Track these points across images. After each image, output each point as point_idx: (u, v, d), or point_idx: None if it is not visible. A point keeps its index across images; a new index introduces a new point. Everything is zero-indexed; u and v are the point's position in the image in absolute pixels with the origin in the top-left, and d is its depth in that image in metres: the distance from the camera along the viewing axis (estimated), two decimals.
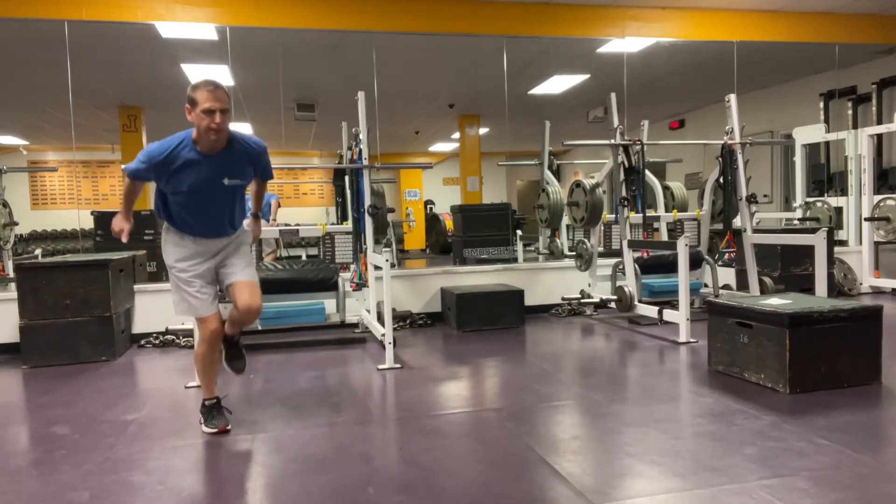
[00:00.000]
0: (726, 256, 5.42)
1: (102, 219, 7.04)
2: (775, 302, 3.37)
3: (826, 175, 8.13)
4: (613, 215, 5.42)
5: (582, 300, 5.62)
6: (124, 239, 2.71)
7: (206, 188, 2.67)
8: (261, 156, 2.84)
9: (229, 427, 2.84)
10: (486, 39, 6.71)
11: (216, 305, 2.83)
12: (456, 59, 7.70)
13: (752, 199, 5.18)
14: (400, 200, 14.22)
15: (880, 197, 6.49)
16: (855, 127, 7.66)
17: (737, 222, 5.30)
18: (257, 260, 4.90)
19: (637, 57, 7.05)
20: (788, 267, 5.78)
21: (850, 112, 8.04)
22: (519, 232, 8.23)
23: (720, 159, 5.26)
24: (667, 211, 6.57)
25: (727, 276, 5.95)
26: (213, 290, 2.85)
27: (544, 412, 3.05)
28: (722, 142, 5.23)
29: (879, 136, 7.21)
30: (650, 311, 4.86)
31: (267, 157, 2.89)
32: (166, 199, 2.73)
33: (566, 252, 7.44)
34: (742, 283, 5.59)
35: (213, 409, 2.87)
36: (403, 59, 7.40)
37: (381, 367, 3.93)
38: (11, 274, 5.77)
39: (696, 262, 5.41)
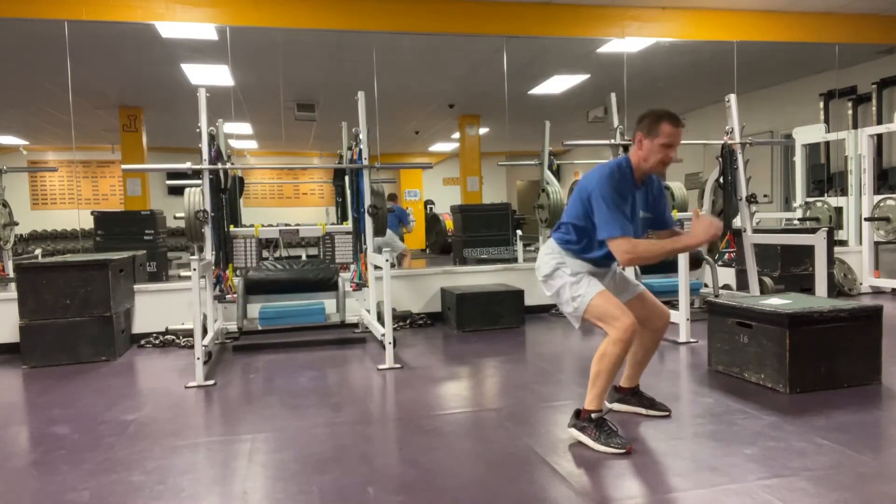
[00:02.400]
0: (726, 256, 5.42)
1: (102, 219, 7.04)
2: (775, 302, 3.37)
3: (826, 175, 8.13)
4: None
5: None
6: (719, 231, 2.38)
7: (631, 215, 2.52)
8: (663, 193, 2.72)
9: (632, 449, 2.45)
10: (486, 39, 6.71)
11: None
12: (456, 59, 7.71)
13: (752, 199, 5.19)
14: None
15: (880, 197, 6.49)
16: (855, 127, 7.66)
17: (737, 222, 5.30)
18: (256, 260, 4.88)
19: (637, 57, 7.05)
20: (788, 267, 5.78)
21: (850, 112, 8.04)
22: (519, 232, 8.23)
23: (720, 159, 5.26)
24: None
25: (727, 276, 5.95)
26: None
27: (544, 412, 3.05)
28: (722, 142, 5.23)
29: (879, 136, 7.21)
30: None
31: (666, 198, 2.73)
32: (585, 230, 2.55)
33: None
34: (742, 283, 5.59)
35: (604, 426, 2.49)
36: (403, 59, 7.40)
37: (381, 367, 3.93)
38: (11, 274, 5.77)
39: (696, 262, 5.40)
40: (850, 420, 2.72)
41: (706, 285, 5.65)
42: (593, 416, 2.50)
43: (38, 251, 8.31)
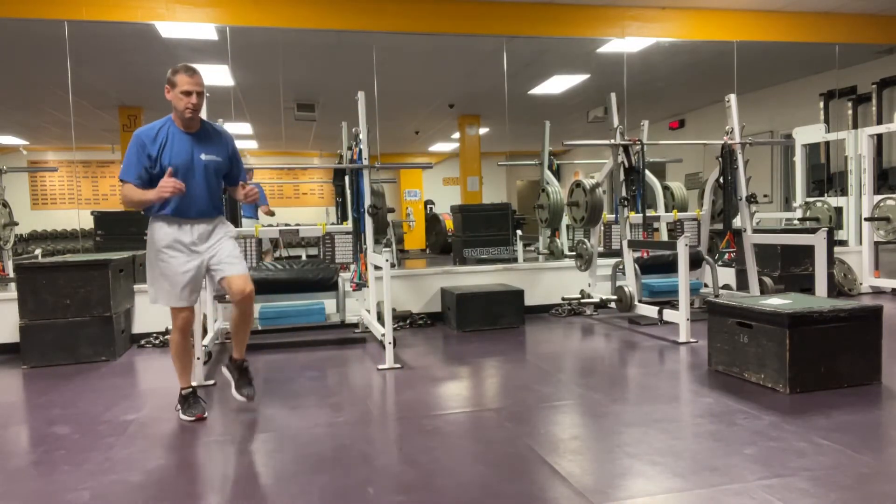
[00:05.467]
0: (726, 256, 5.42)
1: (102, 219, 7.03)
2: (775, 302, 3.37)
3: (826, 175, 8.13)
4: (613, 215, 5.42)
5: (582, 300, 5.62)
6: (178, 188, 2.78)
7: (187, 162, 2.92)
8: (230, 140, 3.12)
9: (206, 415, 3.01)
10: (486, 39, 6.71)
11: (194, 299, 3.03)
12: (456, 59, 7.71)
13: (752, 199, 5.18)
14: (400, 200, 14.22)
15: (880, 197, 6.49)
16: (855, 127, 7.66)
17: (737, 222, 5.30)
18: (257, 260, 4.89)
19: (637, 57, 7.05)
20: (788, 267, 5.78)
21: (850, 112, 8.04)
22: (519, 232, 8.24)
23: (720, 159, 5.26)
24: (667, 211, 6.57)
25: (727, 276, 5.95)
26: (197, 289, 3.03)
27: (544, 412, 3.05)
28: (722, 142, 5.23)
29: (879, 136, 7.21)
30: (650, 311, 4.86)
31: (235, 146, 3.14)
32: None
33: (566, 252, 7.44)
34: (742, 283, 5.59)
35: (188, 399, 3.04)
36: (403, 59, 7.40)
37: (381, 367, 3.93)
38: (11, 274, 5.77)
39: (696, 262, 5.41)
40: (850, 420, 2.72)
41: (706, 285, 5.65)
42: (183, 392, 3.05)
43: (38, 251, 8.30)
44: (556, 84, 8.73)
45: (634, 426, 2.75)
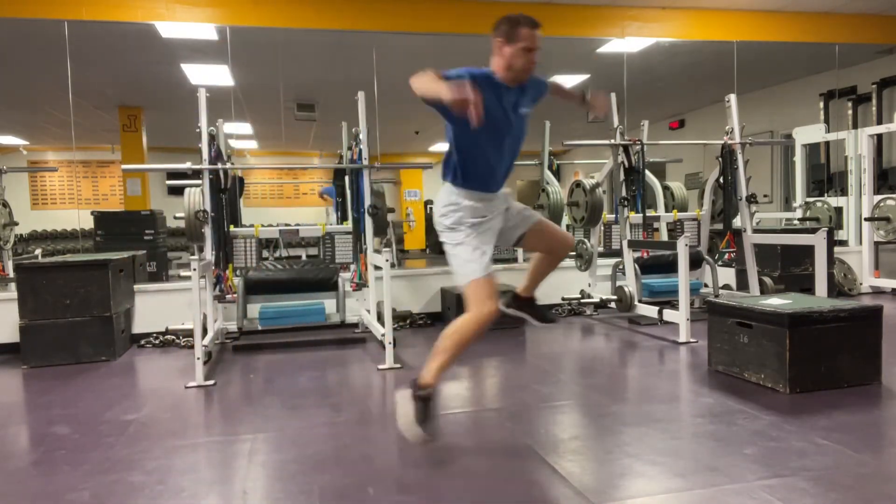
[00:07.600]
0: (726, 256, 5.42)
1: (102, 219, 7.04)
2: (775, 302, 3.37)
3: (826, 175, 8.13)
4: (613, 215, 5.42)
5: (582, 300, 5.62)
6: (475, 105, 2.16)
7: (505, 119, 2.49)
8: (544, 89, 2.74)
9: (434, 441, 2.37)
10: (486, 39, 6.69)
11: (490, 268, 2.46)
12: (456, 59, 7.65)
13: (752, 199, 5.18)
14: (400, 200, 14.22)
15: (880, 197, 6.49)
16: (855, 127, 7.66)
17: (737, 222, 5.30)
18: (257, 259, 4.89)
19: (637, 57, 7.05)
20: (788, 267, 5.78)
21: (850, 112, 8.04)
22: None
23: (720, 159, 5.26)
24: (667, 211, 6.57)
25: (727, 276, 5.94)
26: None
27: (544, 412, 3.05)
28: (722, 142, 5.24)
29: (879, 136, 7.21)
30: (650, 311, 4.86)
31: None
32: (458, 147, 2.51)
33: None
34: (742, 283, 5.59)
35: (428, 404, 2.37)
36: (403, 59, 7.40)
37: (381, 367, 3.92)
38: (11, 274, 5.77)
39: (696, 262, 5.40)
40: (850, 420, 2.72)
41: (706, 285, 5.64)
42: (423, 391, 2.38)
43: (38, 251, 8.29)
44: None
45: (634, 426, 2.75)
